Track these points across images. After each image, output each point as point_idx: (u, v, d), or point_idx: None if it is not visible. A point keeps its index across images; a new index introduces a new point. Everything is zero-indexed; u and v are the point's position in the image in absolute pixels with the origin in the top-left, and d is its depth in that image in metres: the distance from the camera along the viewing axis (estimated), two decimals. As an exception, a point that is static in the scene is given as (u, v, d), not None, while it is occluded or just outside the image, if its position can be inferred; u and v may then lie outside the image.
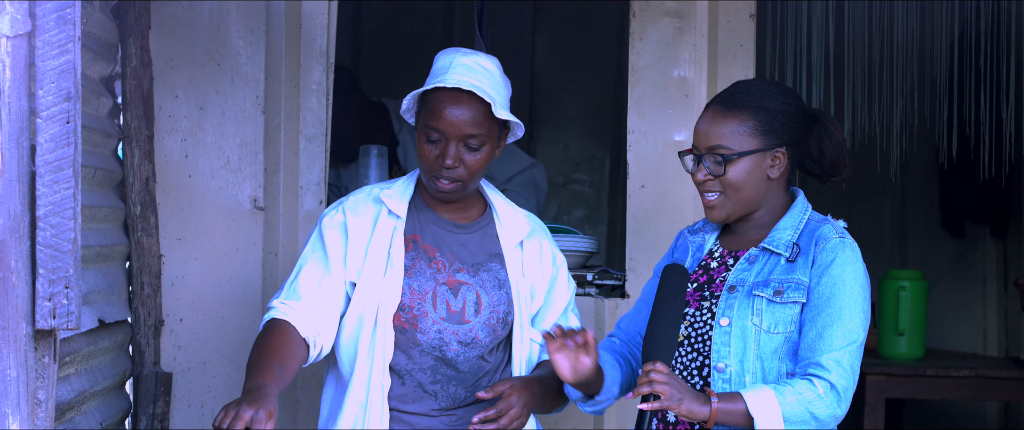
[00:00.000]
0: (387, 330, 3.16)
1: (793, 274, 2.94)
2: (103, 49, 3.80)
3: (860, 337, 2.90)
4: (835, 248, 2.93)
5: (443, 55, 3.23)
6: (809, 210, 3.03)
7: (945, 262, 6.93)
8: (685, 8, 4.46)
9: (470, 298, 3.21)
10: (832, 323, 2.88)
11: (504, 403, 3.09)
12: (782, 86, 3.06)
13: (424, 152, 3.17)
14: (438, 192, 3.19)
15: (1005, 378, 5.38)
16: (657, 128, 4.45)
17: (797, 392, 2.84)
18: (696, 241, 3.15)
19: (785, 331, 2.92)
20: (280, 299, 3.18)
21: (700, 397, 2.83)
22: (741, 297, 2.96)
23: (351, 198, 3.28)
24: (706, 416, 2.83)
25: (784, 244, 2.97)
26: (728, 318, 2.95)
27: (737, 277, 2.99)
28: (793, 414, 2.83)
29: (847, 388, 2.87)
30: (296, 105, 4.19)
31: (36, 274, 2.33)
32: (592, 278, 4.46)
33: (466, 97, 3.14)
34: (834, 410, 2.86)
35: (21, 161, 2.31)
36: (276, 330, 3.13)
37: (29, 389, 2.33)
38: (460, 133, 3.13)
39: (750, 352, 2.93)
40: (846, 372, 2.86)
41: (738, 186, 2.97)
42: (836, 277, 2.90)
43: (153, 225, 4.03)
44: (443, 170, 3.15)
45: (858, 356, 2.90)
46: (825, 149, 3.04)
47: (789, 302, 2.92)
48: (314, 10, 4.19)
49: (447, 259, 3.23)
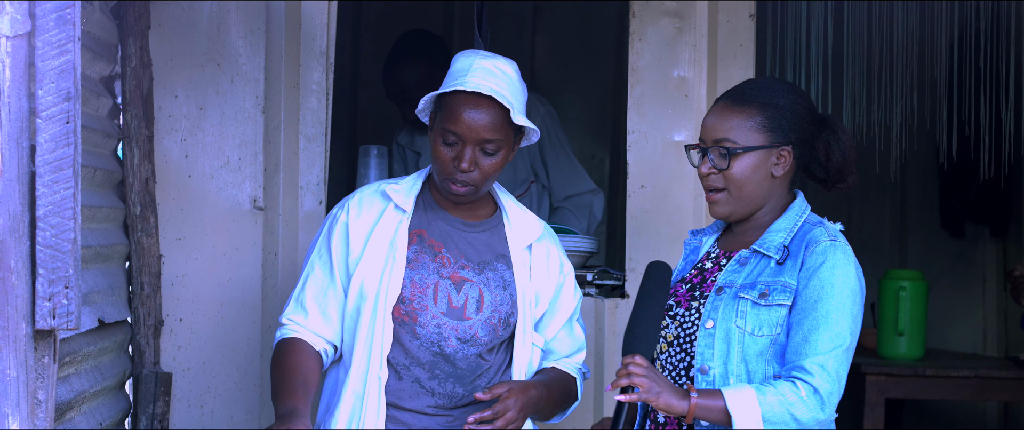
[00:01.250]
0: (386, 322, 3.16)
1: (780, 277, 2.92)
2: (103, 49, 3.80)
3: (847, 341, 2.86)
4: (825, 251, 2.90)
5: (462, 57, 3.22)
6: (806, 213, 3.01)
7: (945, 262, 6.93)
8: (685, 8, 4.45)
9: (473, 295, 3.21)
10: (818, 327, 2.85)
11: (501, 405, 3.08)
12: (794, 86, 3.04)
13: (440, 154, 3.16)
14: (451, 195, 3.19)
15: (1005, 378, 5.38)
16: (657, 128, 4.45)
17: (779, 393, 2.82)
18: (693, 243, 3.15)
19: (771, 334, 2.89)
20: (288, 315, 3.25)
21: (679, 392, 2.82)
22: (727, 299, 2.94)
23: (357, 194, 3.29)
24: (685, 410, 2.81)
25: (775, 247, 2.95)
26: (713, 320, 2.94)
27: (726, 279, 2.98)
28: (773, 415, 2.81)
29: (831, 393, 2.83)
30: (296, 105, 4.19)
31: (36, 274, 2.33)
32: (592, 278, 4.46)
33: (485, 101, 3.14)
34: (816, 414, 2.83)
35: (21, 161, 2.31)
36: (290, 349, 3.20)
37: (29, 389, 2.33)
38: (478, 137, 3.13)
39: (734, 354, 2.91)
40: (830, 377, 2.83)
41: (741, 182, 2.96)
42: (824, 280, 2.87)
43: (153, 225, 4.03)
44: (458, 173, 3.15)
45: (845, 361, 2.86)
46: (832, 154, 3.02)
47: (775, 305, 2.89)
48: (314, 10, 4.19)
49: (453, 255, 3.23)
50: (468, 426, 3.07)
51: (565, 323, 3.32)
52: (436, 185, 3.27)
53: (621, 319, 4.40)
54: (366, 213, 3.24)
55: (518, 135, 3.22)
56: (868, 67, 5.56)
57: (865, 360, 5.46)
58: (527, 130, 3.23)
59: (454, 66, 3.21)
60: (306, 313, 3.23)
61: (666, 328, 3.01)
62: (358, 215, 3.24)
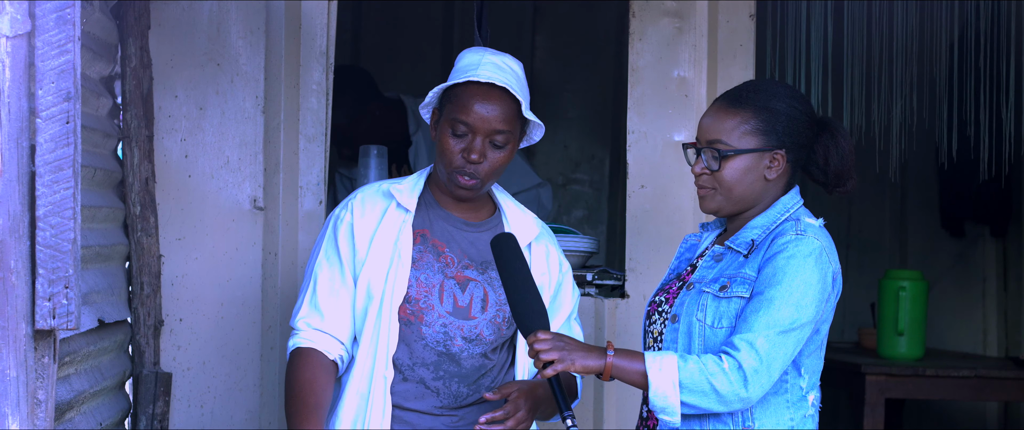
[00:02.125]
0: (392, 321, 3.16)
1: (742, 269, 2.92)
2: (103, 49, 3.80)
3: (785, 326, 2.83)
4: (786, 243, 2.89)
5: (470, 53, 3.22)
6: (791, 210, 2.99)
7: (945, 262, 6.93)
8: (685, 8, 4.46)
9: (477, 295, 3.21)
10: (759, 309, 2.84)
11: (512, 405, 3.09)
12: (793, 90, 3.03)
13: (448, 146, 3.15)
14: (458, 189, 3.18)
15: (1005, 378, 5.38)
16: (657, 128, 4.45)
17: (701, 363, 2.82)
18: (691, 240, 3.16)
19: (729, 326, 2.89)
20: (302, 318, 3.21)
21: (594, 352, 2.84)
22: (693, 294, 2.96)
23: (359, 194, 3.28)
24: (600, 368, 2.83)
25: (744, 243, 2.96)
26: (678, 314, 2.95)
27: (698, 274, 2.99)
28: (692, 382, 2.80)
29: (757, 371, 2.81)
30: (296, 105, 4.19)
31: (36, 274, 2.33)
32: (592, 278, 4.46)
33: (496, 93, 3.14)
34: (738, 390, 2.81)
35: (21, 161, 2.31)
36: (305, 363, 3.16)
37: (29, 389, 2.33)
38: (489, 128, 3.13)
39: (695, 347, 2.92)
40: (758, 356, 2.81)
41: (731, 184, 2.96)
42: (778, 267, 2.87)
43: (153, 225, 4.03)
44: (467, 165, 3.14)
45: (780, 344, 2.83)
46: (831, 159, 3.01)
47: (734, 297, 2.90)
48: (314, 10, 4.19)
49: (456, 255, 3.23)
50: (479, 427, 3.07)
51: (564, 322, 3.33)
52: (438, 185, 3.27)
53: (621, 319, 4.40)
54: (369, 213, 3.24)
55: (522, 132, 3.23)
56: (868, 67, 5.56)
57: (865, 360, 5.46)
58: (530, 129, 3.24)
59: (462, 61, 3.21)
60: (322, 315, 3.19)
61: (653, 324, 3.02)
62: (362, 215, 3.23)
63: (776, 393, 2.92)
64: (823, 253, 2.90)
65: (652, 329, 3.03)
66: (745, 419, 2.90)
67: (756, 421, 2.90)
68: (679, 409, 2.82)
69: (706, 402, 2.82)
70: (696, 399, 2.82)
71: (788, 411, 2.93)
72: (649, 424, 3.03)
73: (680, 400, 2.82)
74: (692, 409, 2.83)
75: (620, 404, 4.32)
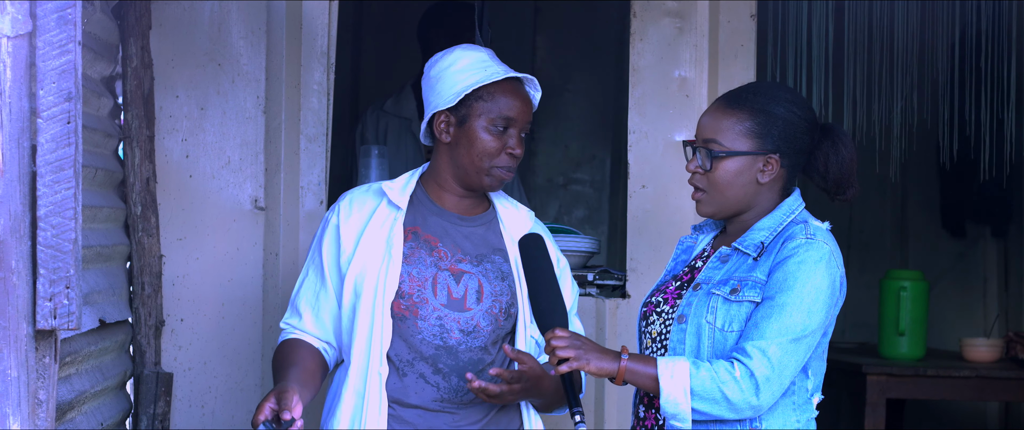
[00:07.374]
0: (384, 318, 3.16)
1: (753, 273, 2.91)
2: (104, 49, 3.80)
3: (797, 333, 2.83)
4: (796, 247, 2.88)
5: (465, 50, 3.26)
6: (795, 212, 2.98)
7: (945, 262, 6.93)
8: (686, 8, 4.45)
9: (472, 286, 3.21)
10: (771, 315, 2.84)
11: (518, 378, 3.07)
12: (795, 95, 3.01)
13: (486, 144, 3.20)
14: (497, 182, 3.24)
15: (1005, 378, 5.38)
16: (658, 128, 4.45)
17: (713, 370, 2.82)
18: (688, 241, 3.16)
19: (740, 329, 2.89)
20: (285, 320, 3.33)
21: (609, 354, 2.84)
22: (701, 295, 2.94)
23: (347, 196, 3.32)
24: (614, 372, 2.83)
25: (753, 245, 2.95)
26: (685, 315, 2.94)
27: (705, 275, 2.98)
28: (703, 390, 2.81)
29: (769, 379, 2.81)
30: (297, 105, 4.19)
31: (37, 274, 2.33)
32: (593, 278, 4.46)
33: (521, 85, 3.25)
34: (750, 398, 2.81)
35: (22, 161, 2.31)
36: (287, 346, 3.28)
37: (30, 389, 2.33)
38: (526, 119, 3.23)
39: (704, 350, 2.91)
40: (770, 363, 2.81)
41: (722, 185, 2.95)
42: (788, 272, 2.86)
43: (154, 225, 4.03)
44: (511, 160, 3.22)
45: (792, 352, 2.83)
46: (830, 166, 3.00)
47: (745, 301, 2.89)
48: (315, 10, 4.19)
49: (449, 249, 3.23)
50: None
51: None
52: (432, 183, 3.28)
53: (622, 319, 4.40)
54: (357, 213, 3.26)
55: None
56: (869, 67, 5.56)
57: (866, 360, 5.46)
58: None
59: (463, 61, 3.22)
60: (300, 317, 3.29)
61: (651, 325, 3.02)
62: (348, 216, 3.25)
63: (783, 396, 2.91)
64: (832, 258, 2.90)
65: (650, 330, 3.02)
66: (753, 421, 2.90)
67: (764, 423, 2.90)
68: (690, 416, 2.83)
69: (717, 409, 2.82)
70: (707, 406, 2.82)
71: (794, 413, 2.93)
72: (647, 424, 3.03)
73: (691, 407, 2.82)
74: (703, 416, 2.84)
75: (621, 404, 4.32)
